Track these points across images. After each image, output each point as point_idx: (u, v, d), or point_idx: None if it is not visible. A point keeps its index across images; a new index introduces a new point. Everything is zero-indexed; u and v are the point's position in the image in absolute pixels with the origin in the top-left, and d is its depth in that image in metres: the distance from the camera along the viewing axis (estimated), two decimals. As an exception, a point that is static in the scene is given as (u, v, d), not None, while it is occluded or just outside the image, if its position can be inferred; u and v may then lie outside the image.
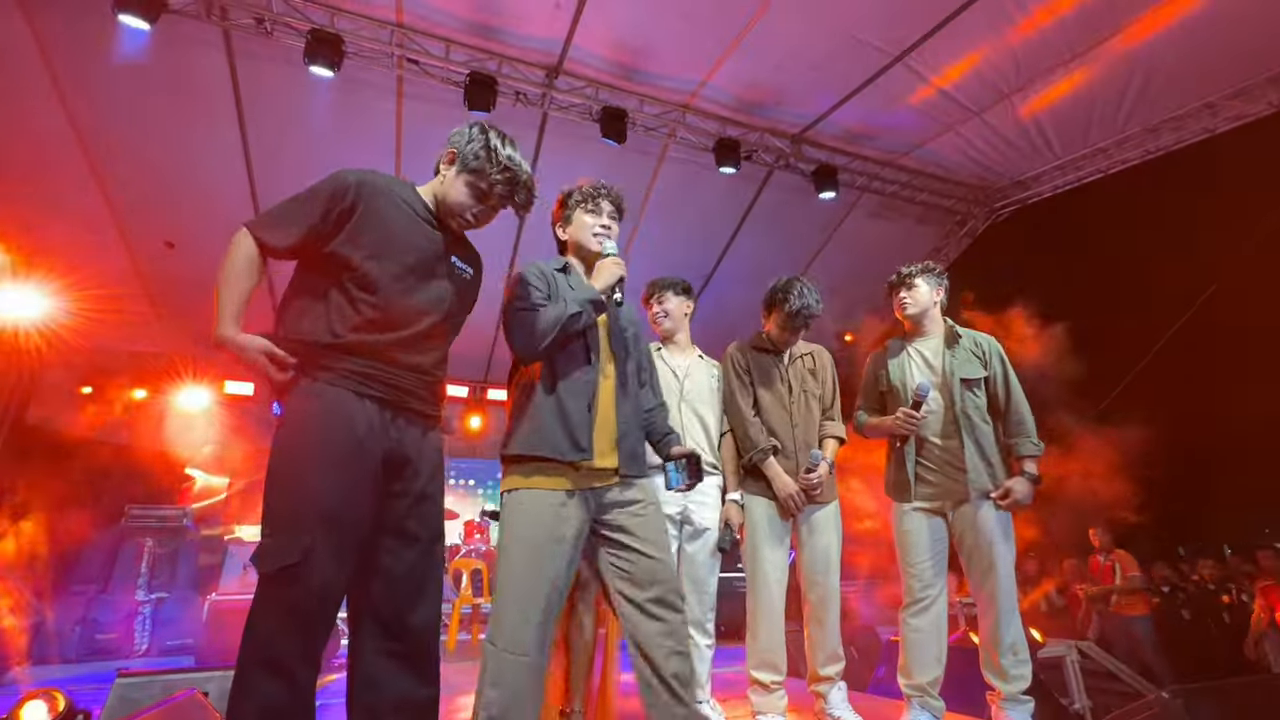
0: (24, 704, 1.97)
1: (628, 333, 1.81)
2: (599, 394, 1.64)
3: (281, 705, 1.21)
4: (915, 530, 2.27)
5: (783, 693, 2.24)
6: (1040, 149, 5.77)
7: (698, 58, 4.89)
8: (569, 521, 1.52)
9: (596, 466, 1.58)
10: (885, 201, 6.57)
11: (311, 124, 5.17)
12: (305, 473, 1.30)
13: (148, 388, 6.95)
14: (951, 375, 2.32)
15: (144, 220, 5.73)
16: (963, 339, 2.41)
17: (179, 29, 4.32)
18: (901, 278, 2.48)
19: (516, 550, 1.50)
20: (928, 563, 2.23)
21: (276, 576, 1.24)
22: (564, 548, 1.50)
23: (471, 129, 1.64)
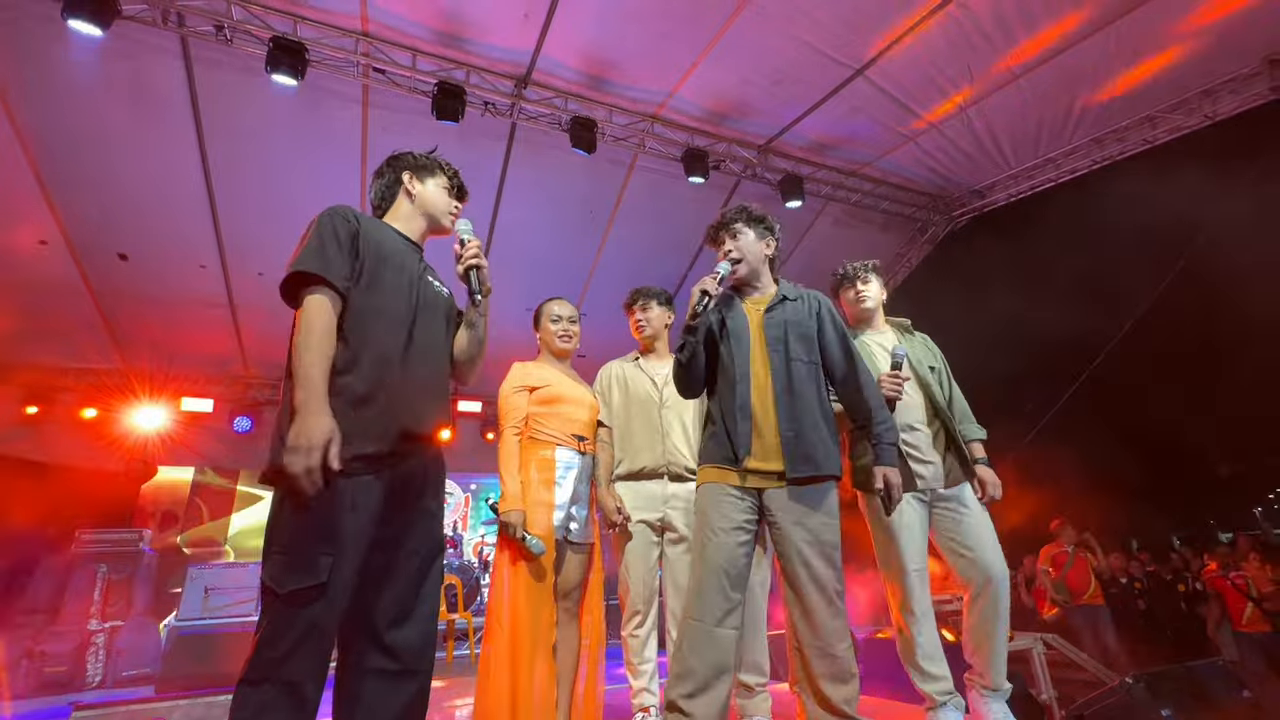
0: (-29, 743, 1.86)
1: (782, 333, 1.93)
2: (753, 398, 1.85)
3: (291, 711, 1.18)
4: (910, 524, 2.14)
5: (767, 694, 2.23)
6: (995, 159, 6.01)
7: (666, 69, 4.96)
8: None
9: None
10: (850, 210, 6.74)
11: (273, 133, 5.07)
12: (324, 498, 1.25)
13: (98, 406, 6.66)
14: (918, 363, 2.31)
15: (95, 231, 5.52)
16: (915, 333, 2.45)
17: (133, 35, 4.20)
18: (855, 272, 2.48)
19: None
20: (920, 559, 2.15)
21: (293, 596, 1.21)
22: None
23: (402, 155, 1.75)
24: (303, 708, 1.20)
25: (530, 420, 2.30)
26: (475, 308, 1.65)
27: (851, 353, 1.95)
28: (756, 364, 1.89)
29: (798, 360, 1.87)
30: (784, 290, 2.01)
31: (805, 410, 1.82)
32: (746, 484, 1.81)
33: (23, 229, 5.33)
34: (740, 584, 1.74)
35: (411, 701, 1.37)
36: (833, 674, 1.67)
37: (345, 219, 1.50)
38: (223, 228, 5.72)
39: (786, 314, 1.94)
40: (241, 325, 6.84)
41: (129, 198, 5.27)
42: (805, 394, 1.84)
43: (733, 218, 2.02)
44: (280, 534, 1.27)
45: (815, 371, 1.89)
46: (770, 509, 1.79)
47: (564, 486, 2.23)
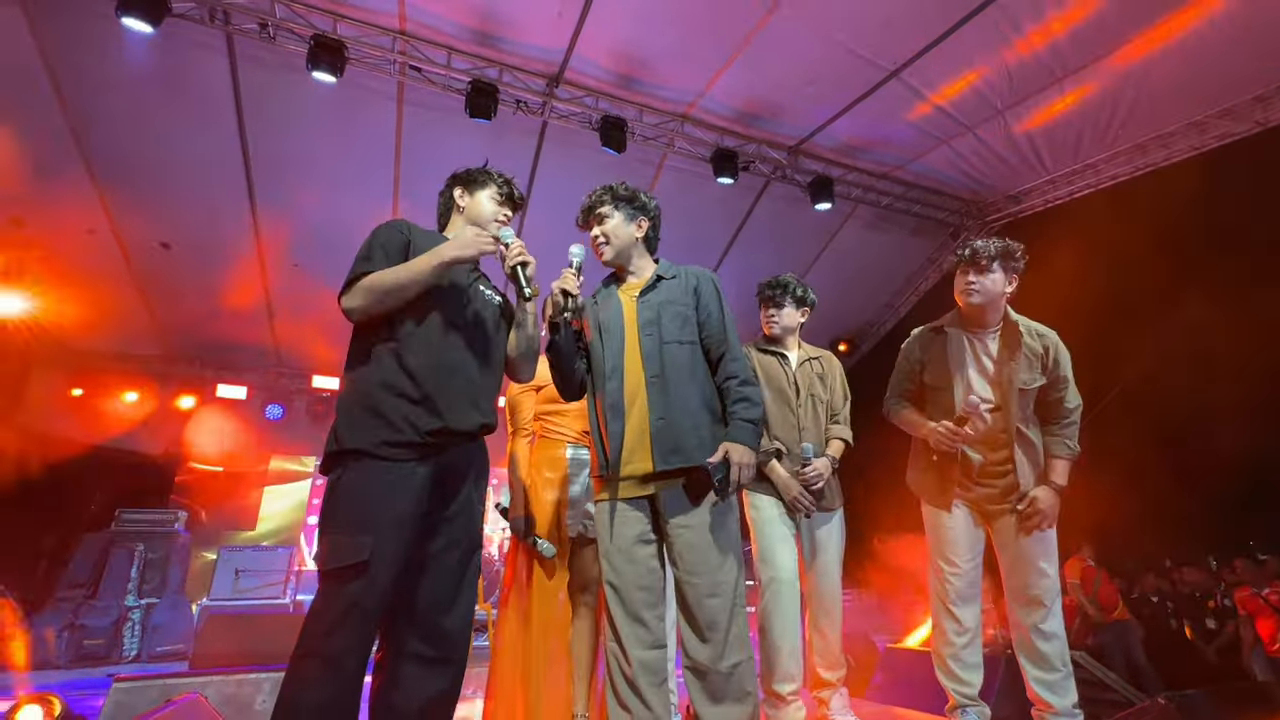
0: (19, 708, 1.95)
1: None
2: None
3: (333, 697, 1.26)
4: (955, 525, 2.10)
5: (800, 704, 2.12)
6: (1032, 164, 5.87)
7: (697, 69, 4.96)
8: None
9: None
10: (880, 213, 6.65)
11: (311, 129, 5.18)
12: (371, 484, 1.37)
13: (139, 390, 6.89)
14: (1009, 384, 2.06)
15: (139, 221, 5.71)
16: (1025, 340, 2.09)
17: (182, 33, 4.33)
18: (974, 255, 2.09)
19: None
20: (971, 563, 2.09)
21: (339, 574, 1.29)
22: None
23: (457, 173, 1.86)
24: (344, 681, 1.27)
25: (540, 419, 2.32)
26: (523, 305, 1.71)
27: (728, 330, 1.77)
28: (631, 356, 1.72)
29: (672, 342, 1.70)
30: (660, 270, 1.87)
31: (677, 394, 1.64)
32: (627, 492, 1.63)
33: (73, 217, 5.54)
34: (659, 601, 1.62)
35: (446, 689, 1.43)
36: (716, 693, 1.50)
37: (397, 230, 1.62)
38: (260, 219, 5.87)
39: (661, 295, 1.79)
40: (275, 315, 7.02)
41: (172, 189, 5.45)
42: (679, 378, 1.66)
43: (598, 199, 1.87)
44: (329, 518, 1.37)
45: (692, 352, 1.72)
46: (660, 512, 1.63)
47: (576, 484, 2.24)
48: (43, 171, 5.09)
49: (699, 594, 1.54)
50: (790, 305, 2.47)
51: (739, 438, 1.61)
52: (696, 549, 1.57)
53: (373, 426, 1.40)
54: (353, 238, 5.87)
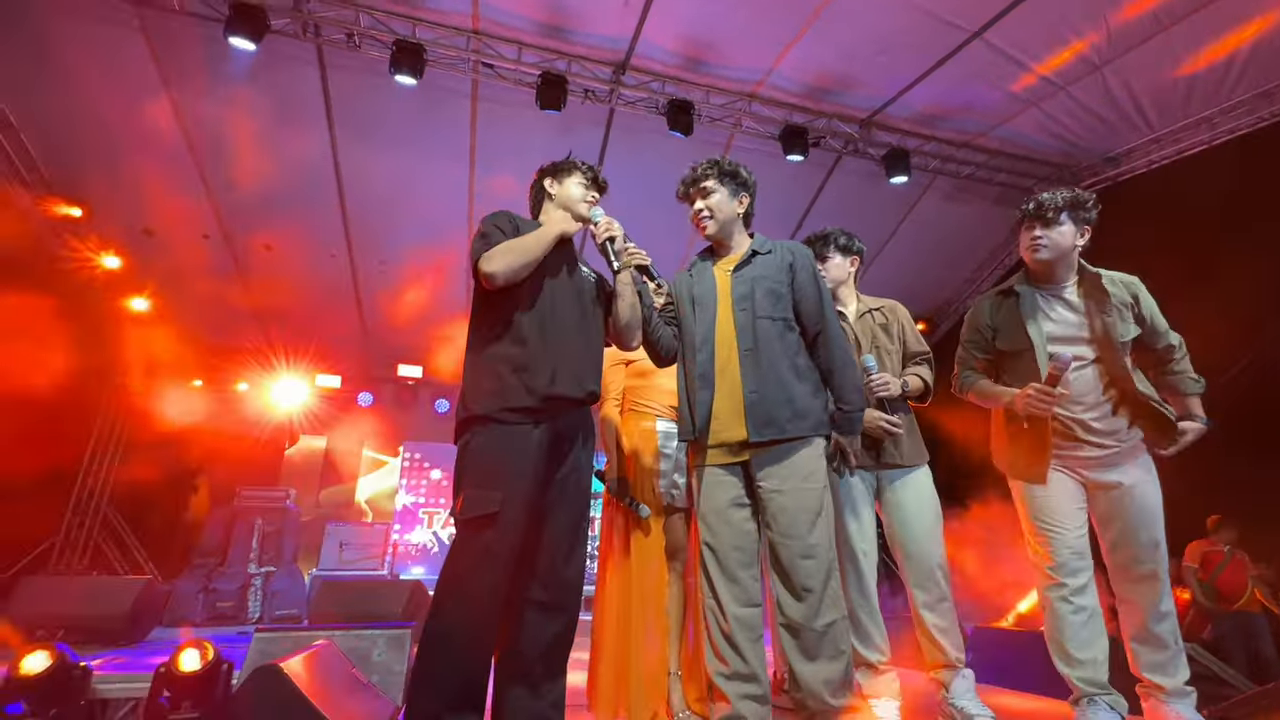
0: (182, 651, 2.25)
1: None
2: None
3: (468, 633, 1.41)
4: (1054, 493, 1.92)
5: (894, 675, 2.09)
6: (1134, 122, 5.42)
7: (764, 46, 4.87)
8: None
9: None
10: (960, 184, 6.33)
11: (393, 131, 5.48)
12: (499, 446, 1.54)
13: (249, 380, 7.56)
14: (1105, 336, 1.90)
15: (246, 224, 6.23)
16: (1111, 290, 1.93)
17: (278, 48, 4.67)
18: (1040, 209, 1.95)
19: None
20: (1075, 530, 1.90)
21: (474, 523, 1.46)
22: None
23: (544, 166, 2.00)
24: (479, 620, 1.42)
25: (629, 394, 2.40)
26: (618, 276, 1.81)
27: (824, 308, 1.80)
28: (723, 328, 1.78)
29: (764, 317, 1.74)
30: (755, 245, 1.90)
31: (771, 369, 1.69)
32: (718, 459, 1.72)
33: (190, 225, 6.12)
34: (754, 561, 1.69)
35: (561, 632, 1.58)
36: (810, 650, 1.55)
37: (506, 217, 1.78)
38: (349, 218, 6.28)
39: (755, 270, 1.83)
40: (364, 308, 7.50)
41: (273, 193, 5.89)
42: (771, 352, 1.71)
43: (703, 173, 1.90)
44: (462, 477, 1.54)
45: (785, 328, 1.76)
46: (753, 478, 1.71)
47: (666, 456, 2.31)
48: (166, 186, 5.65)
49: (793, 555, 1.60)
50: (836, 255, 2.38)
51: (844, 429, 1.75)
52: (789, 512, 1.63)
53: (493, 394, 1.57)
54: (432, 234, 6.16)
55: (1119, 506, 1.90)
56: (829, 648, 1.56)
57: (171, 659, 2.28)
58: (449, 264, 6.89)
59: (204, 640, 2.31)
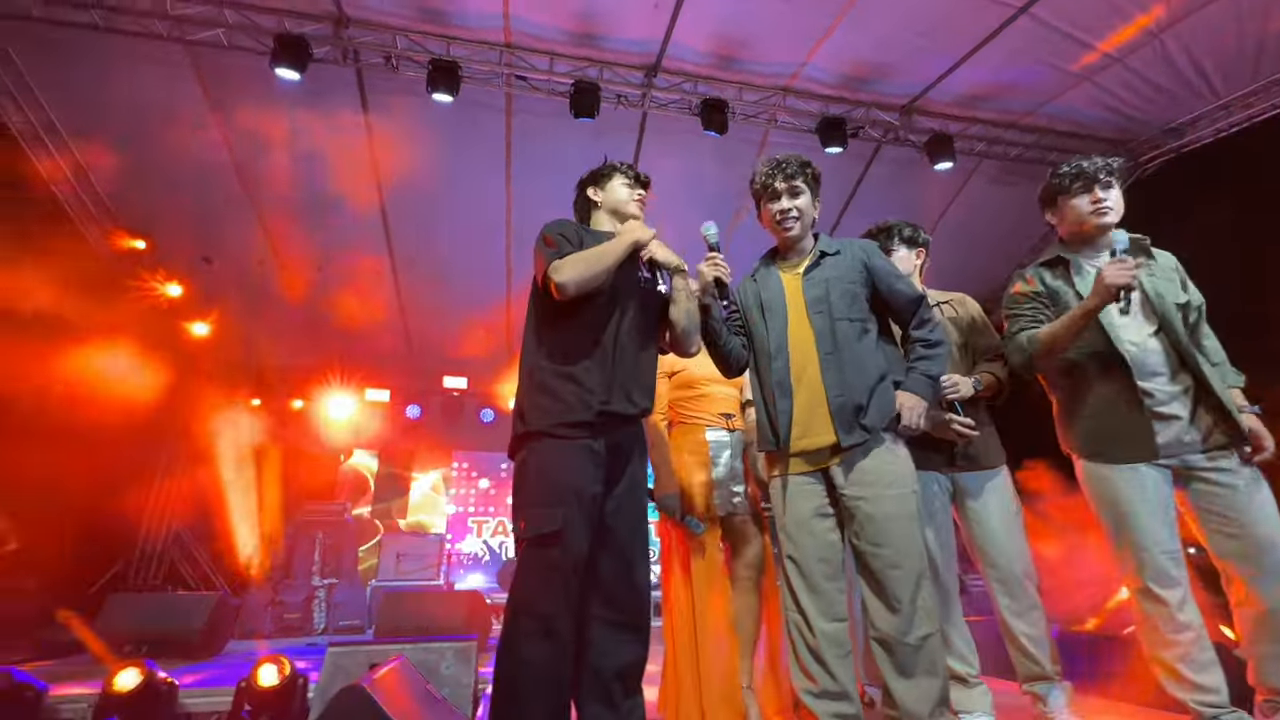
0: (260, 666, 2.33)
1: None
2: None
3: (545, 651, 1.40)
4: (1141, 485, 1.73)
5: (985, 688, 1.99)
6: (1197, 89, 5.11)
7: (798, 38, 4.79)
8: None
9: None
10: (1007, 166, 6.10)
11: (431, 148, 5.58)
12: (558, 462, 1.51)
13: (303, 398, 7.82)
14: (1160, 299, 1.81)
15: (296, 250, 6.45)
16: (1157, 256, 1.88)
17: (319, 74, 4.81)
18: (1098, 171, 1.89)
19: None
20: (1172, 530, 1.72)
21: (538, 541, 1.44)
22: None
23: (584, 176, 1.99)
24: (554, 637, 1.40)
25: (675, 406, 2.37)
26: (674, 283, 1.82)
27: (905, 289, 1.77)
28: (796, 333, 1.74)
29: (843, 319, 1.70)
30: (822, 246, 1.84)
31: (856, 372, 1.65)
32: (800, 467, 1.67)
33: (245, 252, 6.38)
34: (839, 573, 1.63)
35: (635, 649, 1.55)
36: (905, 666, 1.49)
37: (572, 227, 1.78)
38: (393, 237, 6.43)
39: (827, 271, 1.78)
40: (409, 323, 7.67)
41: (321, 218, 6.09)
42: (854, 354, 1.67)
43: (796, 171, 1.83)
44: (523, 495, 1.52)
45: (863, 329, 1.71)
46: (836, 485, 1.64)
47: (720, 465, 2.27)
48: (221, 216, 5.90)
49: (882, 565, 1.55)
50: (901, 248, 2.32)
51: (911, 387, 1.66)
52: (876, 521, 1.57)
53: (551, 410, 1.54)
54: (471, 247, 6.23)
55: (1213, 496, 1.73)
56: (925, 663, 1.49)
57: (251, 674, 2.35)
58: (489, 276, 7.00)
59: (281, 655, 2.39)
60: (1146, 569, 1.72)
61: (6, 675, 2.26)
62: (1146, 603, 1.73)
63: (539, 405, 1.56)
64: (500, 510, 8.40)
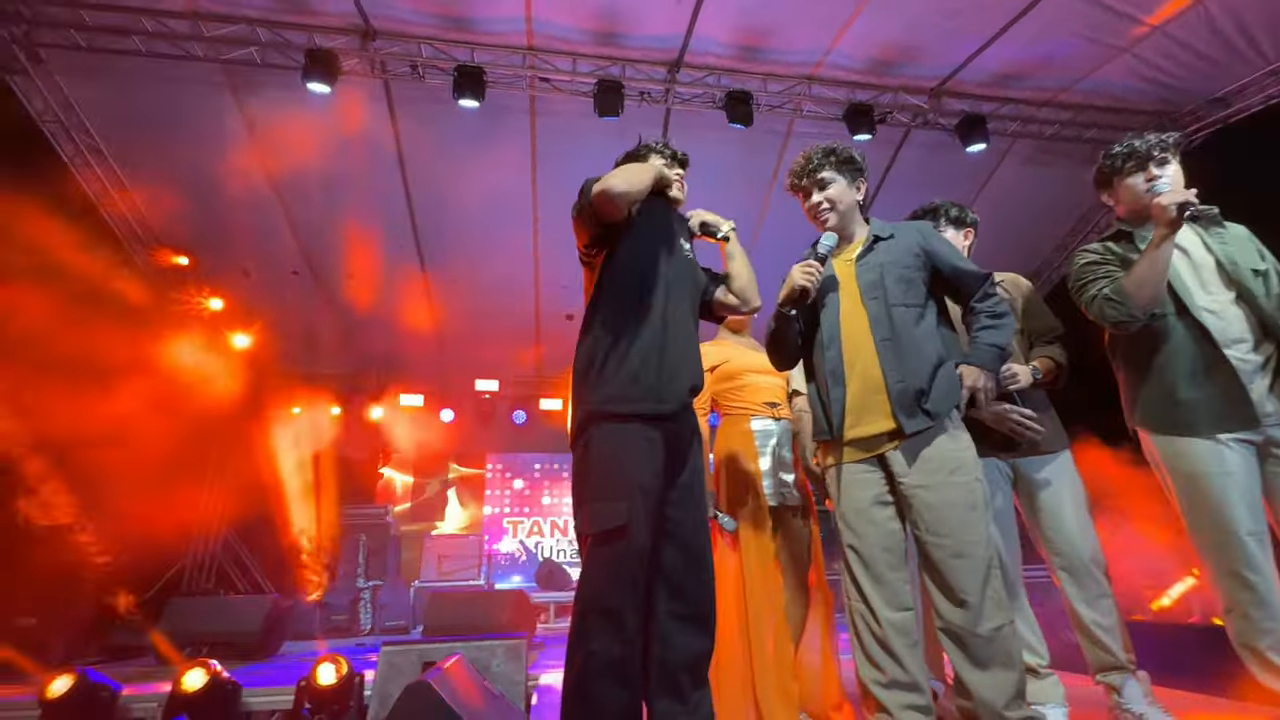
0: (319, 665, 2.39)
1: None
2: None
3: (615, 646, 1.38)
4: (1230, 470, 1.62)
5: (1056, 678, 1.95)
6: (1244, 55, 4.90)
7: (822, 24, 4.72)
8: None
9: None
10: (1043, 145, 5.93)
11: (458, 155, 5.65)
12: (619, 452, 1.50)
13: (341, 405, 7.99)
14: (1235, 266, 1.73)
15: (330, 259, 6.60)
16: (1230, 226, 1.83)
17: (349, 88, 4.90)
18: (1150, 149, 1.82)
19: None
20: (1261, 512, 1.63)
21: (603, 537, 1.43)
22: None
23: (618, 159, 1.94)
24: (623, 631, 1.39)
25: (719, 398, 2.36)
26: (725, 246, 1.88)
27: (970, 268, 1.74)
28: (849, 321, 1.71)
29: (899, 305, 1.66)
30: (875, 230, 1.80)
31: (914, 356, 1.61)
32: (855, 455, 1.64)
33: (281, 263, 6.54)
34: (902, 562, 1.60)
35: (704, 642, 1.53)
36: (979, 658, 1.45)
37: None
38: (421, 242, 6.53)
39: (881, 256, 1.74)
40: (441, 328, 7.79)
41: (351, 227, 6.22)
42: (912, 339, 1.63)
43: (818, 163, 1.81)
44: (584, 490, 1.50)
45: (920, 314, 1.67)
46: (894, 473, 1.60)
47: (766, 455, 2.25)
48: (257, 229, 6.06)
49: (944, 555, 1.51)
50: (949, 229, 2.27)
51: (975, 358, 1.63)
52: (937, 509, 1.53)
53: (613, 396, 1.52)
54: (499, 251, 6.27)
55: None
56: (999, 655, 1.45)
57: (310, 673, 2.41)
58: (517, 279, 7.06)
59: (338, 655, 2.44)
60: (1232, 552, 1.62)
61: (83, 676, 2.36)
62: (1234, 588, 1.63)
63: (603, 390, 1.53)
64: (535, 510, 8.47)
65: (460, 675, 1.90)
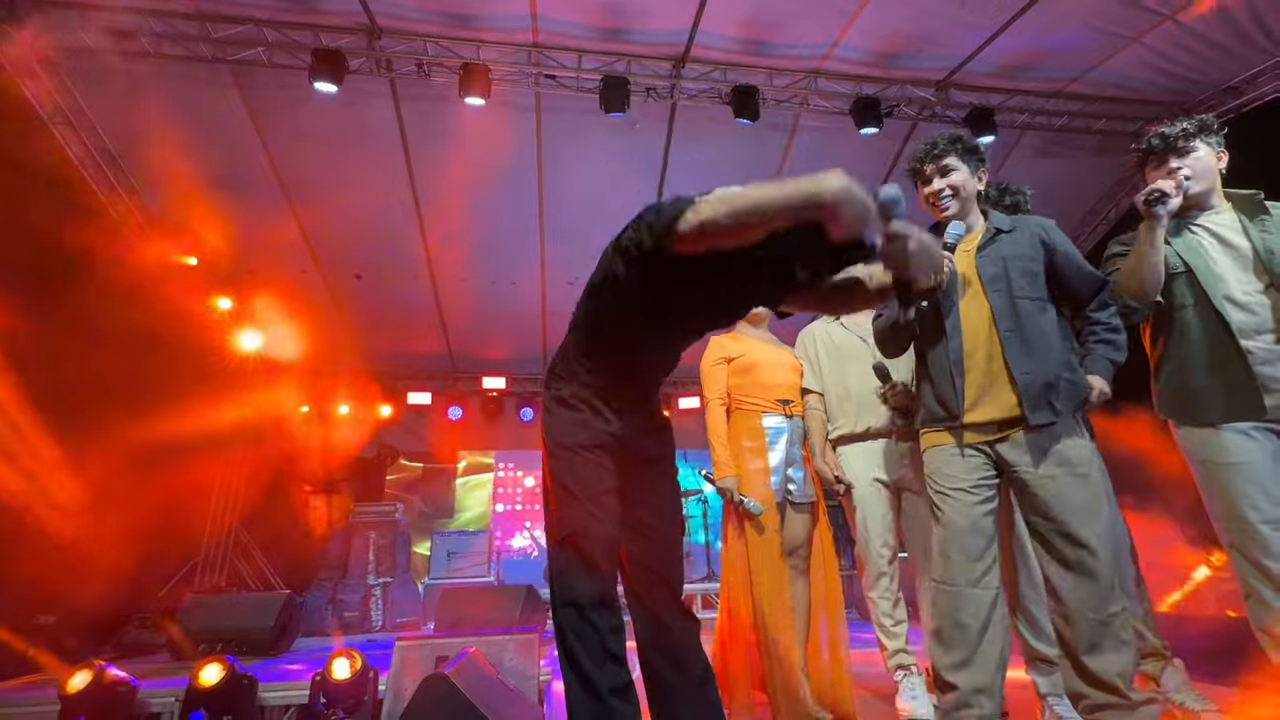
0: (335, 659, 2.41)
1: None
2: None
3: (588, 632, 1.42)
4: (1251, 460, 1.64)
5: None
6: (1258, 43, 4.84)
7: (830, 16, 4.69)
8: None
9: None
10: (1052, 137, 5.88)
11: (464, 153, 5.65)
12: (575, 461, 1.53)
13: (350, 403, 8.03)
14: (1271, 255, 1.73)
15: (336, 255, 6.62)
16: (1273, 212, 1.83)
17: (356, 86, 4.91)
18: (1169, 142, 1.84)
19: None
20: (1274, 503, 1.63)
21: (566, 540, 1.47)
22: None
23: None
24: (593, 625, 1.42)
25: (733, 392, 2.36)
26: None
27: (1090, 269, 1.78)
28: (971, 312, 1.73)
29: (1023, 297, 1.69)
30: (996, 223, 1.81)
31: (1041, 349, 1.64)
32: (972, 439, 1.67)
33: (289, 262, 6.57)
34: (990, 543, 1.63)
35: (690, 620, 1.57)
36: (1098, 642, 1.50)
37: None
38: (429, 242, 6.55)
39: (1003, 249, 1.75)
40: (448, 326, 7.81)
41: (360, 227, 6.24)
42: (1037, 331, 1.66)
43: (943, 150, 1.81)
44: (549, 498, 1.54)
45: (1044, 307, 1.70)
46: (1010, 462, 1.64)
47: (776, 450, 2.27)
48: (265, 228, 6.08)
49: (1068, 543, 1.55)
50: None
51: (1095, 369, 1.72)
52: (1062, 499, 1.57)
53: (568, 424, 1.55)
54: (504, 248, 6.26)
55: None
56: (1113, 638, 1.51)
57: (325, 668, 2.43)
58: (523, 277, 7.07)
59: (353, 650, 2.46)
60: (1248, 539, 1.63)
61: (103, 671, 2.39)
62: (1251, 575, 1.64)
63: (559, 419, 1.56)
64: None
65: (475, 668, 1.91)
